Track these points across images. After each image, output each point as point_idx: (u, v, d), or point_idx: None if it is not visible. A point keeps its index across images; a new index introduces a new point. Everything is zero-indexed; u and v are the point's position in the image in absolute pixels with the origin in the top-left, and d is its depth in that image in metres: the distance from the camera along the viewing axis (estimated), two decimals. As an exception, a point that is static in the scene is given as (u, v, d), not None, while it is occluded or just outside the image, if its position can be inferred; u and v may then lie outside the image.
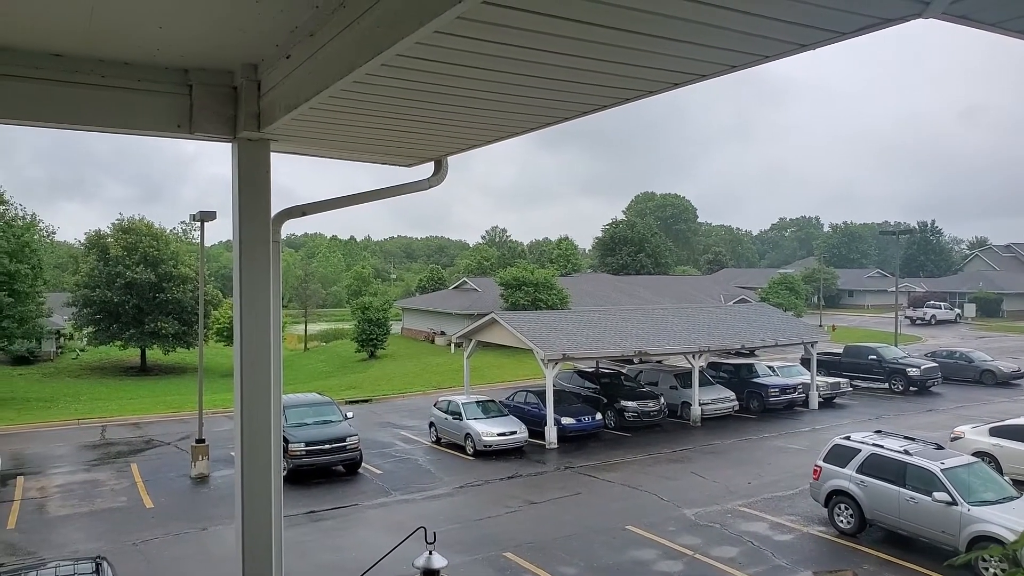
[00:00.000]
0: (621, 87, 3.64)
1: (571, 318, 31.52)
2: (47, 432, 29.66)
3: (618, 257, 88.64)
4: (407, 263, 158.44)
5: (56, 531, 17.66)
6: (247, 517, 4.67)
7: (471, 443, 24.29)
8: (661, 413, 28.15)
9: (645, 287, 65.92)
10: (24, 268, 38.47)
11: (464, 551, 15.55)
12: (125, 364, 54.78)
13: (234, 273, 4.69)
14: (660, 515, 18.11)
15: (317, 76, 3.52)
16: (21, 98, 3.71)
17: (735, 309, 38.99)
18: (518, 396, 28.43)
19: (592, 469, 22.54)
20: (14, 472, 22.60)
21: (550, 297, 51.47)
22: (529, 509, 18.91)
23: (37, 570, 11.08)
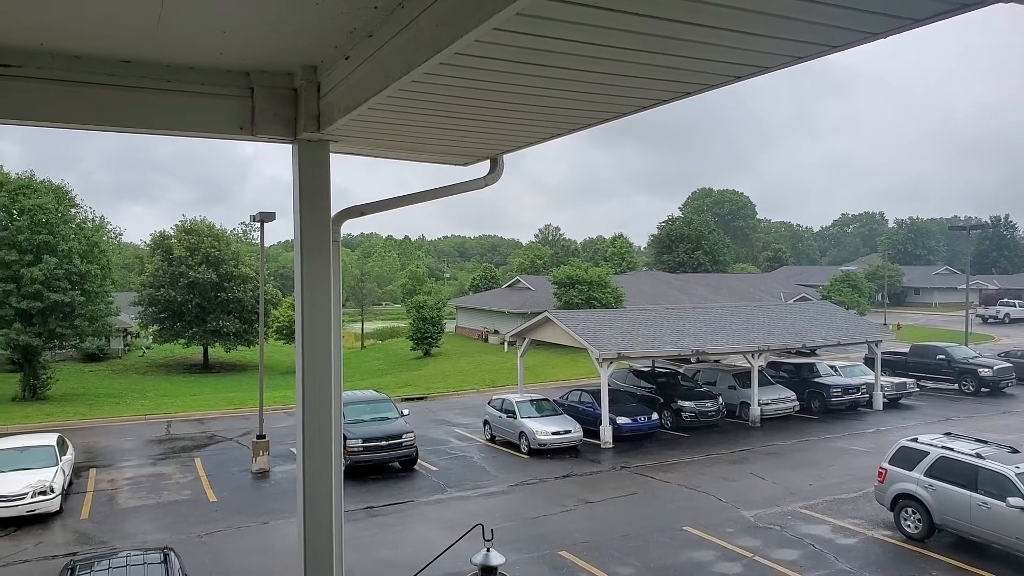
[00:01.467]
0: (682, 81, 3.56)
1: (626, 317, 31.27)
2: (116, 427, 30.78)
3: (674, 255, 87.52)
4: (460, 262, 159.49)
5: (126, 522, 18.31)
6: (309, 512, 4.74)
7: (525, 441, 24.31)
8: (719, 413, 27.71)
9: (702, 285, 64.99)
10: (94, 268, 39.97)
11: (519, 549, 15.57)
12: (189, 361, 56.49)
13: (295, 272, 4.75)
14: (718, 516, 17.83)
15: (376, 76, 3.54)
16: (94, 104, 3.82)
17: (795, 307, 38.12)
18: (572, 395, 28.34)
19: (648, 469, 22.32)
20: (87, 464, 23.51)
21: (604, 296, 51.15)
22: (584, 508, 18.83)
23: (110, 559, 11.51)
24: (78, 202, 41.49)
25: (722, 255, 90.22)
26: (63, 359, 49.20)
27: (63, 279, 37.67)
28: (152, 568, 10.96)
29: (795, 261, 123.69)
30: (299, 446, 4.78)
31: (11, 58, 3.52)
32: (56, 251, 37.53)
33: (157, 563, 11.13)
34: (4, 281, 36.15)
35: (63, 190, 40.54)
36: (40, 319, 37.69)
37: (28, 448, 20.24)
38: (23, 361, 38.70)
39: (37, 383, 38.75)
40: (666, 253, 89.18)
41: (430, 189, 5.52)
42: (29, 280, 36.24)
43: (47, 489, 18.36)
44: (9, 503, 17.83)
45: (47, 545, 16.73)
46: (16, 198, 37.60)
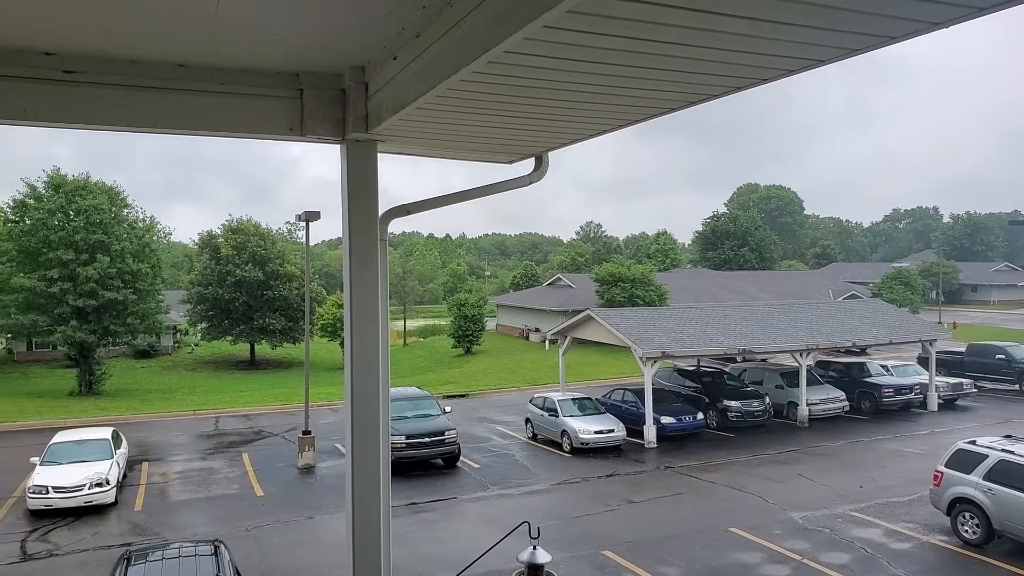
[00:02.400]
0: (733, 75, 3.50)
1: (670, 315, 30.96)
2: (167, 421, 31.56)
3: (720, 252, 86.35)
4: (501, 260, 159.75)
5: (177, 514, 18.76)
6: (357, 506, 4.78)
7: (568, 440, 24.25)
8: (766, 413, 27.29)
9: (748, 282, 64.04)
10: (145, 267, 41.03)
11: (563, 548, 15.53)
12: (236, 358, 57.61)
13: (344, 270, 4.80)
14: (765, 518, 17.55)
15: (423, 76, 3.55)
16: (150, 108, 3.91)
17: (845, 305, 37.27)
18: (615, 394, 28.17)
19: (693, 469, 22.08)
20: (139, 458, 24.15)
21: (648, 293, 50.73)
22: (628, 508, 18.71)
23: (163, 550, 11.81)
24: (130, 202, 42.66)
25: (769, 252, 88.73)
26: (116, 356, 50.58)
27: (116, 278, 38.77)
28: (203, 560, 11.21)
29: (844, 258, 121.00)
30: (348, 441, 4.82)
31: (74, 64, 3.62)
32: (110, 250, 38.64)
33: (208, 555, 11.38)
34: (61, 280, 37.32)
35: (116, 191, 41.69)
36: (95, 316, 38.84)
37: (85, 441, 20.86)
38: (79, 357, 39.93)
39: (92, 379, 39.95)
40: (711, 250, 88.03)
41: (476, 187, 5.53)
42: (85, 279, 37.38)
43: (103, 481, 18.91)
44: (68, 494, 18.40)
45: (103, 535, 17.23)
46: (73, 199, 38.79)
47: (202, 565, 10.98)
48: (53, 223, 38.14)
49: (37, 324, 38.12)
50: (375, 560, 4.91)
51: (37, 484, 18.47)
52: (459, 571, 7.16)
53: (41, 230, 37.92)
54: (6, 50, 3.51)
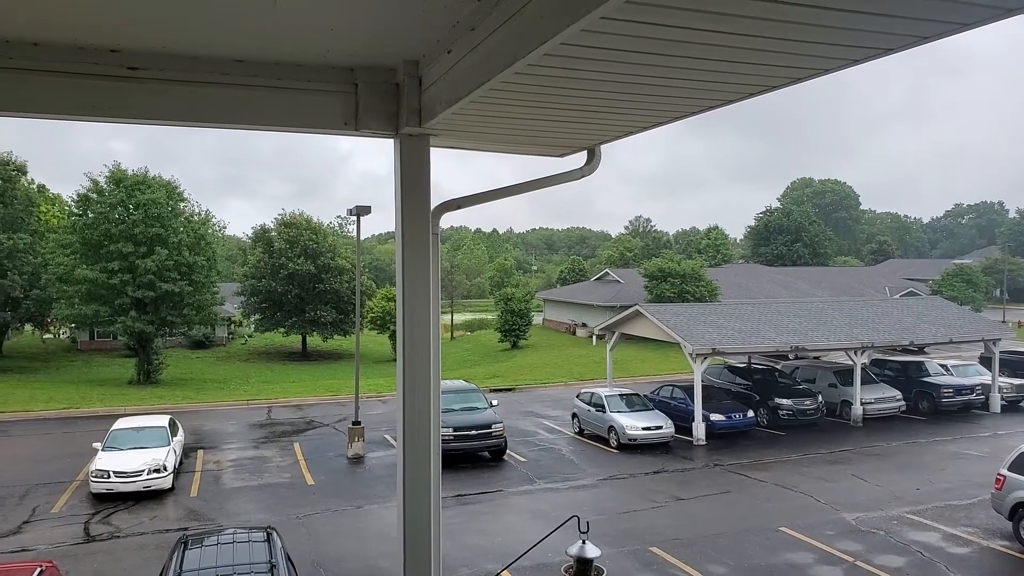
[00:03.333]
0: (796, 66, 3.40)
1: (721, 311, 30.53)
2: (221, 411, 32.36)
3: (772, 247, 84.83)
4: (548, 255, 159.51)
5: (230, 501, 19.22)
6: (408, 497, 4.81)
7: (615, 436, 24.13)
8: (818, 412, 26.75)
9: (802, 279, 62.79)
10: (201, 260, 42.11)
11: (609, 543, 15.46)
12: (288, 350, 58.74)
13: (396, 264, 4.83)
14: (817, 518, 17.21)
15: (478, 69, 3.54)
16: (210, 103, 3.98)
17: (903, 303, 36.27)
18: (663, 390, 27.93)
19: (743, 467, 21.77)
20: (195, 446, 24.82)
21: (698, 289, 50.12)
22: (676, 505, 18.53)
23: (218, 535, 12.10)
24: (186, 197, 43.80)
25: (823, 247, 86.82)
26: (173, 346, 52.05)
27: (173, 270, 39.87)
28: (256, 546, 11.44)
29: (902, 254, 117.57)
30: (400, 432, 4.86)
31: (137, 61, 3.70)
32: (167, 243, 39.75)
33: (261, 541, 11.61)
34: (122, 272, 38.53)
35: (173, 185, 42.84)
36: (153, 308, 40.01)
37: (144, 428, 21.51)
38: (138, 347, 41.20)
39: (150, 368, 41.18)
40: (763, 245, 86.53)
41: (527, 181, 5.50)
42: (143, 271, 38.52)
43: (161, 467, 19.48)
44: (128, 479, 19.02)
45: (161, 519, 17.76)
46: (132, 193, 40.00)
47: (255, 551, 11.21)
48: (114, 216, 39.40)
49: (99, 314, 39.45)
50: (425, 550, 4.94)
51: (99, 469, 19.13)
52: (508, 563, 7.20)
53: (103, 223, 39.20)
54: (74, 48, 3.61)
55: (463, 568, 14.44)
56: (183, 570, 10.41)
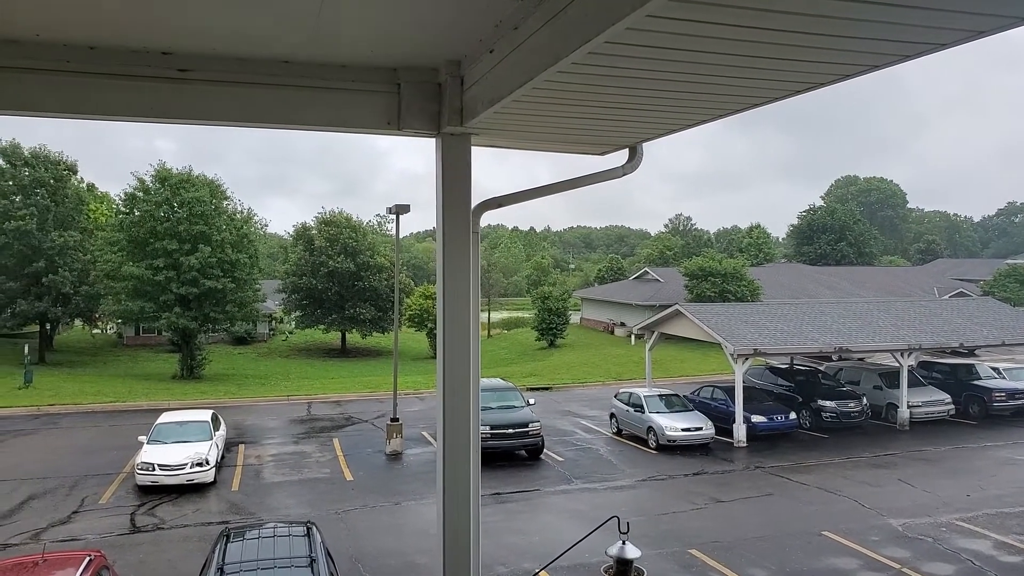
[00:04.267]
0: (844, 63, 3.33)
1: (763, 311, 30.09)
2: (262, 406, 32.89)
3: (816, 246, 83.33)
4: (586, 253, 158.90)
5: (271, 495, 19.53)
6: (448, 494, 4.84)
7: (653, 436, 23.95)
8: (863, 414, 26.23)
9: (846, 279, 61.59)
10: (244, 257, 42.87)
11: (648, 545, 15.35)
12: (328, 346, 59.47)
13: (437, 262, 4.86)
14: (861, 523, 16.86)
15: (520, 69, 3.53)
16: (256, 103, 4.05)
17: (952, 303, 35.34)
18: (704, 391, 27.65)
19: (784, 470, 21.43)
20: (236, 441, 25.25)
21: (739, 288, 49.49)
22: (716, 507, 18.33)
23: (259, 529, 12.30)
24: (229, 195, 44.60)
25: (868, 247, 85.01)
26: (215, 342, 53.01)
27: (216, 267, 40.65)
28: (297, 540, 11.60)
29: (951, 254, 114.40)
30: (440, 429, 4.88)
31: (187, 63, 3.78)
32: (211, 241, 40.54)
33: (301, 536, 11.77)
34: (166, 268, 39.41)
35: (216, 184, 43.66)
36: (196, 304, 40.85)
37: (187, 423, 21.96)
38: (182, 343, 42.10)
39: (193, 363, 42.05)
40: (807, 244, 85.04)
41: (568, 179, 5.48)
42: (187, 268, 39.35)
43: (203, 461, 19.87)
44: (172, 472, 19.44)
45: (204, 512, 18.12)
46: (177, 191, 40.89)
47: (295, 545, 11.36)
48: (159, 214, 40.32)
49: (144, 310, 40.40)
50: (464, 547, 4.95)
51: (144, 461, 19.58)
52: (545, 563, 7.20)
53: (149, 221, 40.14)
54: (128, 51, 3.70)
55: (500, 567, 14.46)
56: (225, 563, 10.59)
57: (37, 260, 42.47)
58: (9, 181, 43.50)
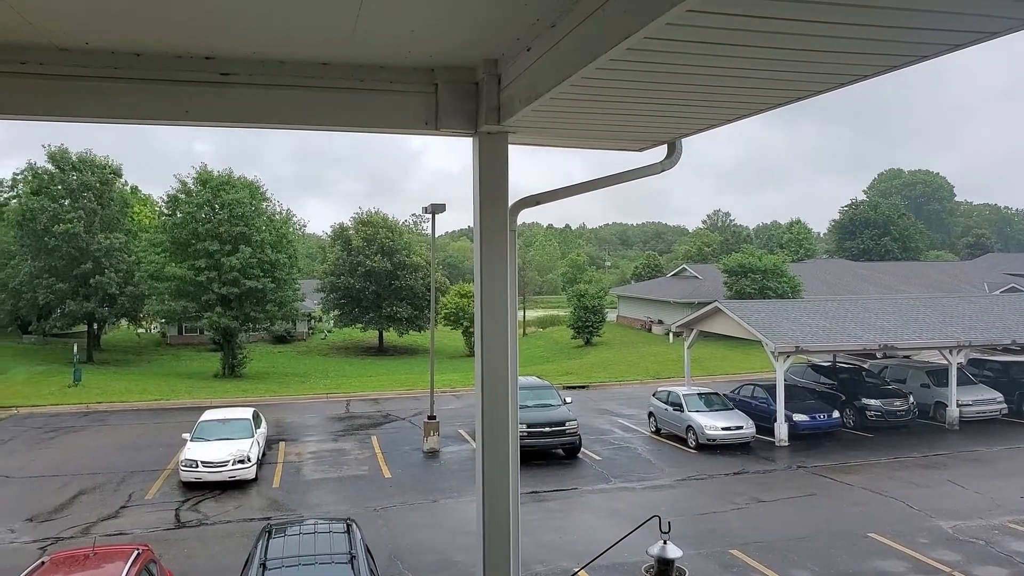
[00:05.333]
0: (890, 53, 3.24)
1: (805, 308, 29.57)
2: (302, 404, 33.33)
3: (859, 241, 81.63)
4: (622, 250, 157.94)
5: (311, 492, 19.77)
6: (487, 492, 4.84)
7: (693, 436, 23.71)
8: (909, 413, 25.65)
9: (891, 274, 60.30)
10: (283, 258, 43.50)
11: (688, 544, 15.18)
12: (365, 345, 60.06)
13: (474, 260, 4.86)
14: (909, 524, 16.49)
15: (558, 66, 3.52)
16: (296, 105, 4.09)
17: (1003, 299, 34.35)
18: (744, 390, 27.30)
19: (827, 470, 21.06)
20: (277, 438, 25.61)
21: (780, 285, 48.76)
22: (757, 507, 18.08)
23: (300, 525, 12.45)
24: (268, 196, 45.27)
25: (913, 241, 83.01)
26: (256, 341, 53.87)
27: (257, 267, 41.31)
28: (337, 537, 11.73)
29: (1002, 248, 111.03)
30: (478, 427, 4.89)
31: (229, 67, 3.83)
32: (251, 241, 41.20)
33: (341, 532, 11.90)
34: (208, 269, 40.16)
35: (256, 185, 44.35)
36: (237, 304, 41.55)
37: (229, 420, 22.32)
38: (223, 342, 42.86)
39: (235, 362, 42.78)
40: (849, 240, 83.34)
41: (606, 176, 5.44)
42: (228, 268, 40.05)
43: (245, 458, 20.18)
44: (214, 469, 19.78)
45: (245, 508, 18.42)
46: (218, 193, 41.62)
47: (335, 542, 11.48)
48: (201, 216, 41.07)
49: (187, 310, 41.23)
50: (504, 545, 4.95)
51: (188, 458, 19.96)
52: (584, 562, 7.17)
53: (190, 223, 40.92)
54: (170, 56, 3.77)
55: (538, 565, 14.45)
56: (267, 558, 10.75)
57: (85, 262, 43.57)
58: (58, 185, 44.70)
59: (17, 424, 28.20)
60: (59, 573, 10.35)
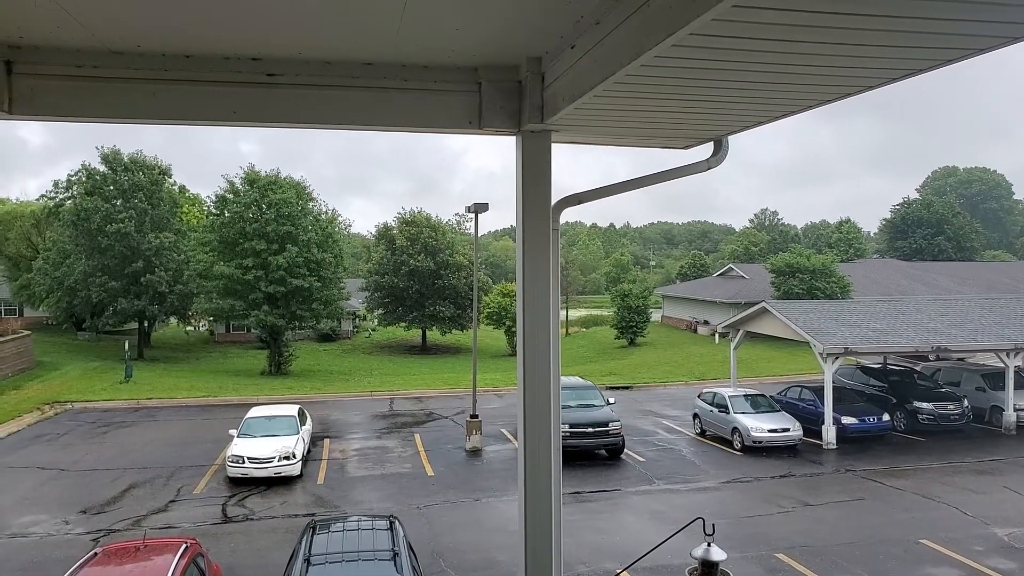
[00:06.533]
0: (950, 46, 3.14)
1: (854, 308, 28.90)
2: (346, 401, 33.72)
3: (911, 241, 79.53)
4: (667, 249, 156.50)
5: (355, 489, 19.98)
6: (529, 492, 4.83)
7: (738, 438, 23.38)
8: (963, 417, 24.91)
9: (945, 274, 58.65)
10: (329, 257, 44.05)
11: (732, 547, 14.96)
12: (409, 343, 60.56)
13: (517, 259, 4.85)
14: (963, 531, 16.00)
15: (602, 64, 3.49)
16: (341, 105, 4.13)
17: (1062, 300, 33.09)
18: (791, 391, 26.83)
19: (877, 474, 20.56)
20: (322, 435, 25.95)
21: (829, 285, 47.84)
22: (803, 511, 17.74)
23: (344, 522, 12.59)
24: (314, 196, 45.90)
25: (969, 241, 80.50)
26: (301, 339, 54.68)
27: (303, 266, 41.92)
28: (380, 534, 11.83)
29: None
30: (520, 427, 4.88)
31: (275, 67, 3.89)
32: (297, 241, 41.83)
33: (384, 529, 12.00)
34: (255, 268, 40.88)
35: (302, 185, 45.02)
36: (284, 302, 42.22)
37: (275, 417, 22.68)
38: (270, 339, 43.60)
39: (281, 359, 43.49)
40: (901, 239, 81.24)
41: (651, 174, 5.39)
42: (275, 267, 40.72)
43: (290, 455, 20.48)
44: (260, 465, 20.12)
45: (290, 505, 18.70)
46: (265, 193, 42.34)
47: (379, 539, 11.58)
48: (248, 215, 41.83)
49: (234, 308, 42.02)
50: (546, 545, 4.94)
51: (235, 454, 20.34)
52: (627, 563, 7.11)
53: (238, 222, 41.71)
54: (218, 58, 3.83)
55: (581, 566, 14.38)
56: (312, 554, 10.89)
57: (136, 260, 44.73)
58: (110, 186, 45.96)
59: (72, 419, 29.10)
60: (111, 564, 10.64)
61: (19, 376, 36.50)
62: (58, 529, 16.81)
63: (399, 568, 10.62)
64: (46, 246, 48.88)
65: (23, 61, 3.70)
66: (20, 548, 15.60)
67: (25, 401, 31.07)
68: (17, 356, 37.65)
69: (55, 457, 23.05)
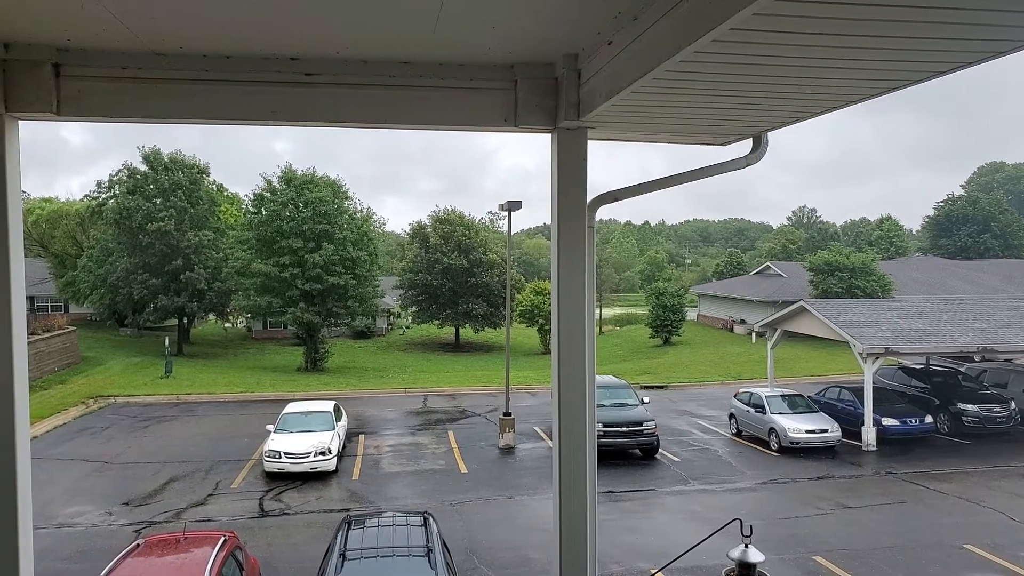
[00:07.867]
0: (1003, 38, 3.04)
1: (895, 308, 28.31)
2: (381, 398, 34.00)
3: (955, 239, 77.65)
4: (703, 247, 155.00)
5: (389, 485, 20.14)
6: (564, 490, 4.81)
7: (775, 438, 23.07)
8: (1011, 420, 24.29)
9: (991, 273, 57.14)
10: (364, 255, 44.46)
11: (769, 549, 14.77)
12: (442, 341, 60.84)
13: (552, 257, 4.83)
14: (1010, 537, 15.61)
15: (640, 60, 3.45)
16: (378, 104, 4.15)
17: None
18: (830, 392, 26.40)
19: (919, 477, 20.14)
20: (357, 431, 26.21)
21: (869, 284, 46.97)
22: (842, 513, 17.45)
23: (378, 517, 12.69)
24: (349, 195, 46.31)
25: (1017, 238, 78.30)
26: (337, 336, 55.26)
27: (338, 264, 42.38)
28: (414, 530, 11.91)
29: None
30: (555, 426, 4.86)
31: (314, 67, 3.92)
32: (333, 239, 42.29)
33: (418, 526, 12.08)
34: (292, 266, 41.42)
35: (338, 184, 45.46)
36: (320, 300, 42.72)
37: (311, 413, 22.97)
38: (306, 336, 44.14)
39: (317, 356, 44.01)
40: (944, 237, 79.38)
41: (687, 171, 5.33)
42: (311, 265, 41.22)
43: (326, 450, 20.72)
44: (296, 460, 20.39)
45: (326, 500, 18.92)
46: (301, 192, 42.86)
47: (413, 535, 11.66)
48: (285, 214, 42.39)
49: (271, 305, 42.63)
50: (580, 543, 4.92)
51: (271, 449, 20.64)
52: (662, 564, 7.07)
53: (275, 220, 42.31)
54: (257, 58, 3.88)
55: (614, 565, 14.32)
56: (347, 549, 11.00)
57: (176, 258, 45.57)
58: (151, 185, 46.88)
59: (115, 413, 29.78)
60: (153, 555, 10.87)
61: (65, 371, 37.46)
62: (102, 520, 17.23)
63: (433, 564, 10.68)
64: (90, 244, 50.08)
65: (70, 64, 3.78)
66: (67, 537, 16.02)
67: (71, 395, 31.87)
68: (63, 352, 38.62)
69: (99, 450, 23.62)
